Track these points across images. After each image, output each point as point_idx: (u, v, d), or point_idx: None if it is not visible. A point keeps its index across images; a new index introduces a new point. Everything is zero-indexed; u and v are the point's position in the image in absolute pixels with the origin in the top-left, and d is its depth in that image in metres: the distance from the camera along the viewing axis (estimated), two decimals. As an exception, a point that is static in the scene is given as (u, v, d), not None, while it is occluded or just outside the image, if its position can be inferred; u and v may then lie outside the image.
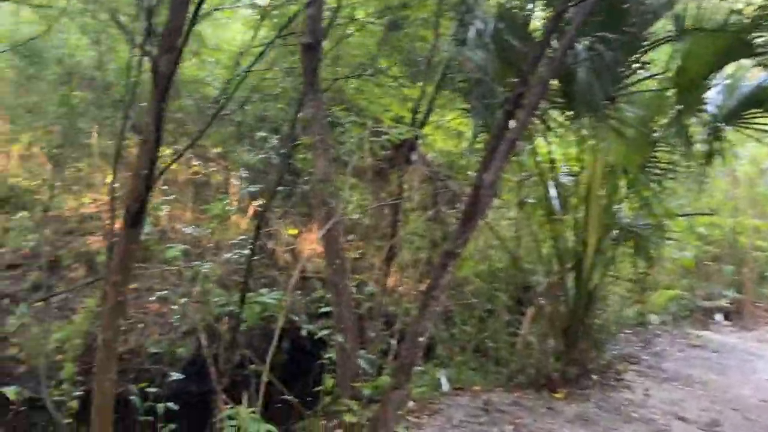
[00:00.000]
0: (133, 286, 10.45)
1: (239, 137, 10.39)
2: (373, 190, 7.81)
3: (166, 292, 8.40)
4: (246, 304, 4.83)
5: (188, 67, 10.80)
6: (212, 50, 10.46)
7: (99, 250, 10.28)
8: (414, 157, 6.53)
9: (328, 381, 5.85)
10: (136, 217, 3.25)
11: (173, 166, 10.94)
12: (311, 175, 5.29)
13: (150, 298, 10.11)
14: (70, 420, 7.73)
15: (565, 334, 7.23)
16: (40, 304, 9.75)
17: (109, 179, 11.28)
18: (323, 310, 5.84)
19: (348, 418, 5.06)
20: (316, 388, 5.69)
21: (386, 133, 5.48)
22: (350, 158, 5.47)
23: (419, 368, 5.61)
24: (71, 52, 10.61)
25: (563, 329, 7.25)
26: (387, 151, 7.10)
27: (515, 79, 5.24)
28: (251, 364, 5.64)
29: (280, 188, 5.79)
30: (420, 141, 6.73)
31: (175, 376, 4.57)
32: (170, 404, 4.47)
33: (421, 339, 4.54)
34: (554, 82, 6.16)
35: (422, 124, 6.43)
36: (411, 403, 5.40)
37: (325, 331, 5.66)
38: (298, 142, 5.32)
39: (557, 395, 6.61)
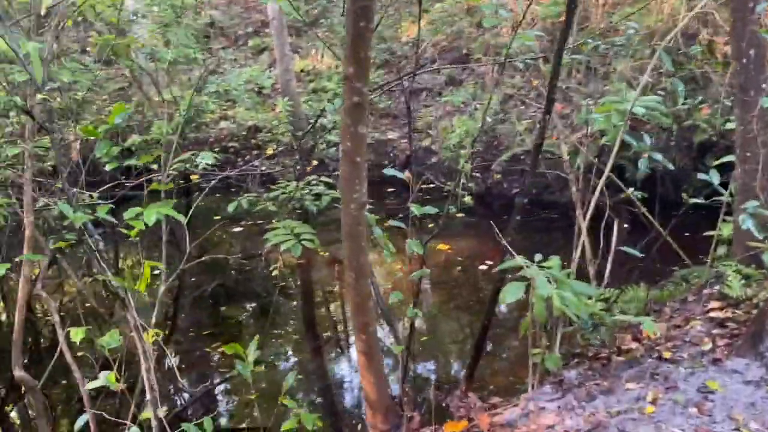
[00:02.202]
0: (536, 82, 9.63)
1: None
2: None
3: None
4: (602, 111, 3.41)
5: None
6: None
7: (506, 43, 9.63)
8: None
9: (726, 227, 4.12)
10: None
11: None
12: None
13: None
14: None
15: None
16: (448, 99, 9.88)
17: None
18: (730, 126, 3.91)
19: (731, 289, 3.41)
20: (712, 232, 4.06)
21: None
22: None
23: None
24: None
25: None
26: None
27: None
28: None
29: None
30: None
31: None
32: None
33: None
34: None
35: None
36: None
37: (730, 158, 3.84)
38: None
39: None
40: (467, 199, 8.36)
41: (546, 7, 8.72)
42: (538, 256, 2.93)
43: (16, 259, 2.41)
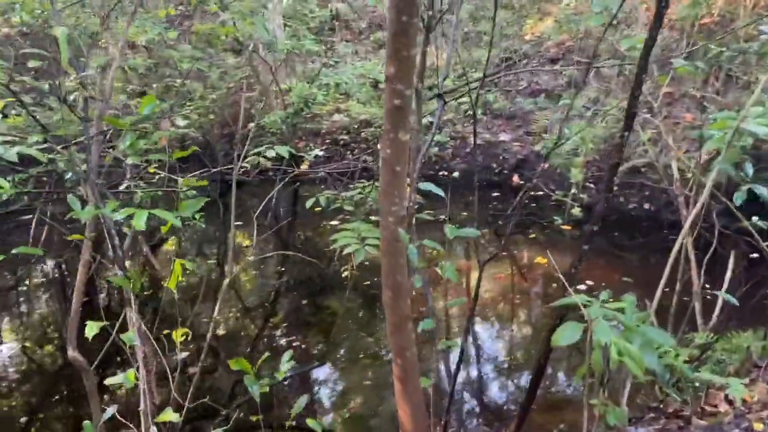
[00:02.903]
0: (668, 89, 8.72)
1: None
2: None
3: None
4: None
5: None
6: None
7: (634, 45, 8.82)
8: None
9: None
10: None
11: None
12: None
13: (683, 107, 8.31)
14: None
15: None
16: (566, 102, 9.22)
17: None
18: None
19: None
20: None
21: None
22: None
23: None
24: None
25: None
26: None
27: None
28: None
29: None
30: None
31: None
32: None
33: None
34: None
35: None
36: None
37: None
38: None
39: None
40: (576, 210, 7.76)
41: (685, 7, 7.88)
42: (603, 294, 2.52)
43: (15, 251, 2.43)
